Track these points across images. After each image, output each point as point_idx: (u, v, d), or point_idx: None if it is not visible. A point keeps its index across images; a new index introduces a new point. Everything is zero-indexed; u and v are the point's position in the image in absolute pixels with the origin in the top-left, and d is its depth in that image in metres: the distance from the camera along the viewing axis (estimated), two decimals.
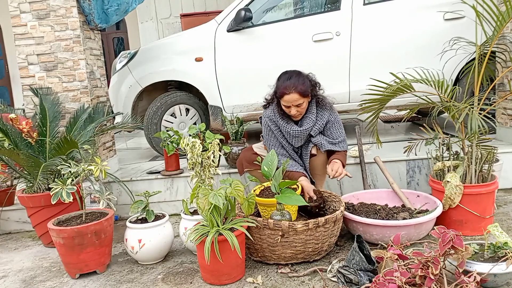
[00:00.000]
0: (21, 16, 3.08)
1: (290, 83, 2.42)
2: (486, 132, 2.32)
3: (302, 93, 2.42)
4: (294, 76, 2.46)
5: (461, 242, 1.66)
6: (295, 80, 2.43)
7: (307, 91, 2.44)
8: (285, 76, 2.48)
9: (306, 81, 2.46)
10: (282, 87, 2.44)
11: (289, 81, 2.43)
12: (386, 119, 5.18)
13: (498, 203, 2.83)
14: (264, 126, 2.66)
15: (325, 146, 2.55)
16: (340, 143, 2.59)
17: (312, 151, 2.59)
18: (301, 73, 2.50)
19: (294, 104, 2.44)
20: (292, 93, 2.41)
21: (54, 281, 2.27)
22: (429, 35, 3.48)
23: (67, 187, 2.23)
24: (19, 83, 3.63)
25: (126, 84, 3.82)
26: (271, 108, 2.60)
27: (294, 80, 2.43)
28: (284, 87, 2.42)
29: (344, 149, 2.60)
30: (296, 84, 2.41)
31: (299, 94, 2.41)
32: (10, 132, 2.69)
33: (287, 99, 2.43)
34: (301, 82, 2.43)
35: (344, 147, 2.60)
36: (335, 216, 2.16)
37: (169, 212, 3.12)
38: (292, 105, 2.45)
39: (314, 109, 2.55)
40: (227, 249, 1.98)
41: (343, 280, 1.92)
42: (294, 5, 3.96)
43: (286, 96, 2.42)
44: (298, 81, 2.42)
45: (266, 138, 2.66)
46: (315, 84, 2.54)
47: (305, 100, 2.47)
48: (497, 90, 3.40)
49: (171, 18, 8.50)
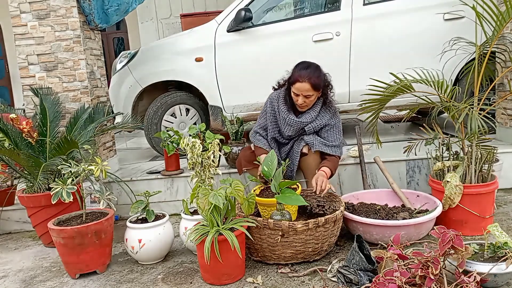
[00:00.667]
0: (21, 16, 3.08)
1: (306, 72, 2.45)
2: (486, 132, 2.32)
3: (314, 85, 2.44)
4: (312, 67, 2.49)
5: (461, 242, 1.66)
6: (312, 71, 2.46)
7: (320, 85, 2.47)
8: (303, 65, 2.51)
9: (322, 76, 2.50)
10: (297, 74, 2.47)
11: (306, 71, 2.46)
12: (386, 119, 5.18)
13: (498, 203, 2.83)
14: (264, 104, 2.73)
15: (316, 146, 2.56)
16: (334, 147, 2.59)
17: (304, 150, 2.60)
18: (320, 67, 2.53)
19: (304, 94, 2.47)
20: (305, 82, 2.44)
21: (54, 281, 2.27)
22: (429, 35, 3.48)
23: (68, 187, 2.23)
24: (19, 83, 3.63)
25: (126, 84, 3.82)
26: (278, 92, 2.66)
27: (310, 70, 2.47)
28: (300, 74, 2.46)
29: (337, 154, 2.60)
30: (311, 75, 2.44)
31: (311, 86, 2.44)
32: (10, 132, 2.69)
33: (298, 87, 2.46)
34: (316, 75, 2.46)
35: (337, 152, 2.59)
36: (335, 216, 2.16)
37: (169, 212, 3.12)
38: (301, 94, 2.47)
39: (318, 108, 2.58)
40: (227, 249, 1.98)
41: (343, 280, 1.92)
42: (294, 5, 3.96)
43: (299, 83, 2.45)
44: (314, 73, 2.46)
45: (260, 116, 2.75)
46: (328, 85, 2.57)
47: (315, 94, 2.49)
48: (497, 90, 3.40)
49: (171, 18, 8.51)
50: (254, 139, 2.72)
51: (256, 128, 2.75)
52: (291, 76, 2.52)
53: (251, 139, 2.74)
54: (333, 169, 2.55)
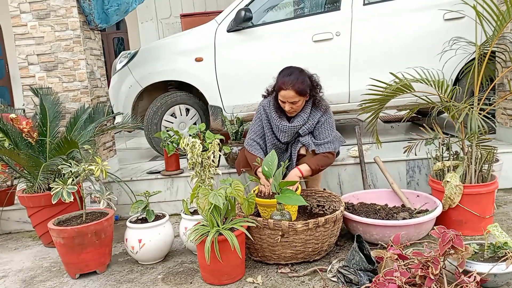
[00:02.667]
0: (21, 16, 3.08)
1: (289, 80, 2.43)
2: (486, 132, 2.32)
3: (298, 92, 2.42)
4: (295, 73, 2.46)
5: (461, 242, 1.66)
6: (295, 77, 2.44)
7: (305, 90, 2.45)
8: (286, 71, 2.49)
9: (306, 81, 2.47)
10: (281, 81, 2.46)
11: (289, 77, 2.44)
12: (386, 119, 5.18)
13: (498, 203, 2.83)
14: (256, 112, 2.71)
15: (311, 146, 2.54)
16: (325, 144, 2.56)
17: (301, 151, 2.59)
18: (303, 71, 2.51)
19: (289, 100, 2.45)
20: (289, 89, 2.42)
21: (54, 281, 2.27)
22: (429, 35, 3.48)
23: (68, 187, 2.23)
24: (19, 83, 3.63)
25: (126, 84, 3.82)
26: (268, 99, 2.65)
27: (293, 77, 2.44)
28: (283, 82, 2.44)
29: (327, 150, 2.54)
30: (294, 81, 2.42)
31: (296, 92, 2.42)
32: (10, 132, 2.69)
33: (283, 95, 2.45)
34: (300, 80, 2.43)
35: (327, 148, 2.54)
36: (335, 216, 2.16)
37: (169, 212, 3.12)
38: (287, 101, 2.47)
39: (309, 109, 2.56)
40: (227, 249, 1.98)
41: (343, 280, 1.92)
42: (294, 5, 3.96)
43: (283, 91, 2.44)
44: (297, 79, 2.43)
45: (253, 123, 2.70)
46: (317, 86, 2.55)
47: (301, 99, 2.48)
48: (497, 90, 3.40)
49: (171, 18, 8.51)
50: (250, 147, 2.63)
51: (252, 136, 2.67)
52: (276, 83, 2.51)
53: (246, 147, 2.64)
54: (314, 165, 2.48)
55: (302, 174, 2.47)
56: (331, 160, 2.58)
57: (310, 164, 2.49)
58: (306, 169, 2.48)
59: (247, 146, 2.65)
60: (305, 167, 2.48)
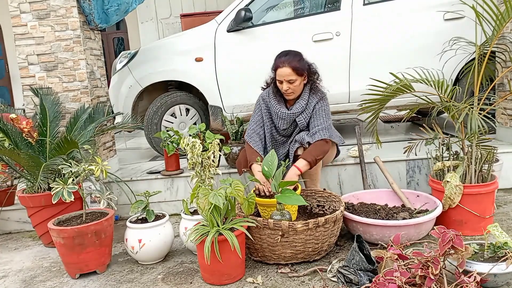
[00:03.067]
0: (21, 16, 3.08)
1: (285, 58, 2.52)
2: (486, 132, 2.32)
3: (295, 69, 2.48)
4: (291, 53, 2.55)
5: (461, 242, 1.66)
6: (292, 56, 2.52)
7: (301, 69, 2.50)
8: (283, 52, 2.58)
9: (303, 62, 2.54)
10: (278, 61, 2.54)
11: (285, 57, 2.53)
12: (386, 119, 5.18)
13: (498, 203, 2.83)
14: (256, 104, 2.76)
15: (305, 139, 2.55)
16: (319, 132, 2.54)
17: (298, 151, 2.60)
18: (301, 54, 2.57)
19: (286, 79, 2.50)
20: (286, 66, 2.49)
21: (54, 281, 2.27)
22: (429, 35, 3.48)
23: (68, 187, 2.24)
24: (19, 83, 3.63)
25: (126, 84, 3.82)
26: (267, 90, 2.71)
27: (290, 55, 2.53)
28: (280, 60, 2.53)
29: (321, 137, 2.52)
30: (291, 59, 2.50)
31: (292, 69, 2.48)
32: (10, 132, 2.69)
33: (280, 73, 2.51)
34: (296, 59, 2.51)
35: (321, 135, 2.52)
36: (335, 216, 2.16)
37: (169, 212, 3.13)
38: (284, 79, 2.51)
39: (307, 96, 2.60)
40: (227, 249, 1.98)
41: (343, 280, 1.92)
42: (294, 5, 3.96)
43: (280, 69, 2.51)
44: (294, 58, 2.51)
45: (253, 114, 2.75)
46: (314, 72, 2.61)
47: (298, 79, 2.52)
48: (497, 90, 3.40)
49: (171, 18, 8.51)
50: (250, 138, 2.65)
51: (253, 126, 2.70)
52: (273, 63, 2.58)
53: (247, 139, 2.67)
54: (309, 157, 2.47)
55: (301, 170, 2.45)
56: (326, 147, 2.55)
57: (306, 158, 2.48)
58: (303, 164, 2.47)
59: (247, 137, 2.69)
60: (301, 162, 2.47)
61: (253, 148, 2.62)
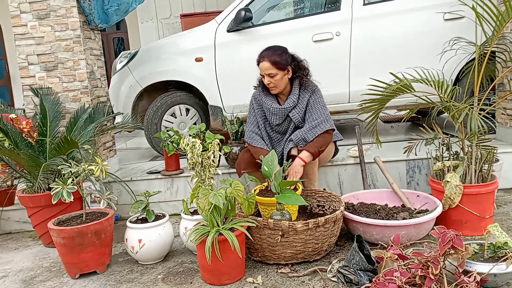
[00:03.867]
0: (21, 16, 3.08)
1: (266, 52, 2.55)
2: (486, 132, 2.32)
3: (274, 63, 2.50)
4: (273, 48, 2.58)
5: (461, 242, 1.66)
6: (272, 51, 2.55)
7: (281, 63, 2.51)
8: (266, 48, 2.60)
9: (285, 56, 2.54)
10: (259, 55, 2.58)
11: (266, 51, 2.56)
12: (386, 119, 5.18)
13: (498, 203, 2.83)
14: (249, 105, 2.78)
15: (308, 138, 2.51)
16: (319, 125, 2.52)
17: (292, 152, 2.58)
18: (284, 49, 2.58)
19: (266, 73, 2.53)
20: (265, 61, 2.52)
21: (54, 281, 2.27)
22: (429, 35, 3.48)
23: (68, 187, 2.24)
24: (19, 83, 3.63)
25: (126, 84, 3.82)
26: (258, 88, 2.74)
27: (270, 50, 2.55)
28: (261, 55, 2.57)
29: (323, 130, 2.50)
30: (270, 54, 2.52)
31: (271, 63, 2.50)
32: (10, 132, 2.69)
33: (260, 67, 2.56)
34: (277, 53, 2.52)
35: (323, 128, 2.50)
36: (335, 216, 2.16)
37: (169, 212, 3.13)
38: (265, 74, 2.55)
39: (297, 91, 2.61)
40: (227, 249, 1.98)
41: (343, 280, 1.92)
42: (294, 5, 3.96)
43: (260, 63, 2.56)
44: (274, 53, 2.53)
45: (248, 116, 2.78)
46: (303, 68, 2.61)
47: (280, 73, 2.53)
48: (497, 90, 3.40)
49: (171, 18, 8.51)
50: (251, 140, 2.67)
51: (250, 127, 2.73)
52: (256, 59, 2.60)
53: (247, 141, 2.69)
54: (312, 148, 2.47)
55: (305, 161, 2.49)
56: (329, 139, 2.56)
57: (309, 149, 2.49)
58: (307, 155, 2.48)
59: (247, 139, 2.70)
60: (305, 153, 2.49)
61: (257, 147, 2.63)
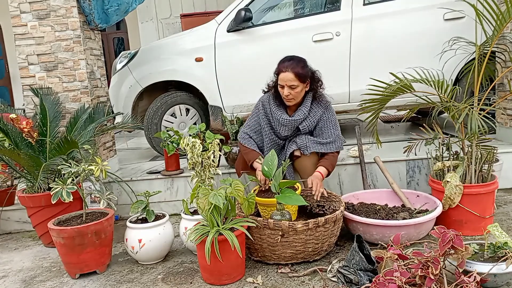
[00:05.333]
0: (21, 16, 3.08)
1: (289, 63, 2.48)
2: (486, 132, 2.32)
3: (298, 75, 2.45)
4: (295, 59, 2.51)
5: (461, 242, 1.66)
6: (296, 62, 2.49)
7: (304, 75, 2.47)
8: (288, 57, 2.54)
9: (307, 68, 2.50)
10: (281, 65, 2.51)
11: (289, 62, 2.49)
12: (386, 119, 5.18)
13: (498, 203, 2.83)
14: (254, 107, 2.72)
15: (310, 149, 2.53)
16: (330, 144, 2.56)
17: (296, 153, 2.58)
18: (305, 60, 2.53)
19: (288, 84, 2.47)
20: (288, 71, 2.45)
21: (54, 281, 2.27)
22: (429, 35, 3.48)
23: (68, 187, 2.24)
24: (19, 83, 3.63)
25: (126, 84, 3.82)
26: (268, 94, 2.67)
27: (294, 61, 2.49)
28: (283, 65, 2.49)
29: (334, 150, 2.57)
30: (294, 65, 2.46)
31: (295, 75, 2.44)
32: (10, 132, 2.69)
33: (282, 77, 2.48)
34: (300, 65, 2.47)
35: (333, 148, 2.56)
36: (335, 216, 2.16)
37: (169, 212, 3.12)
38: (286, 84, 2.48)
39: (309, 103, 2.56)
40: (227, 249, 1.98)
41: (343, 280, 1.92)
42: (294, 5, 3.96)
43: (282, 74, 2.48)
44: (298, 64, 2.48)
45: (249, 118, 2.72)
46: (318, 80, 2.56)
47: (300, 85, 2.48)
48: (497, 90, 3.40)
49: (171, 18, 8.51)
50: (243, 140, 2.65)
51: (246, 130, 2.68)
52: (276, 68, 2.55)
53: (240, 140, 2.66)
54: (330, 167, 2.53)
55: (323, 176, 2.50)
56: (337, 157, 2.62)
57: (327, 167, 2.51)
58: (325, 171, 2.51)
59: (240, 139, 2.67)
60: (324, 169, 2.50)
61: (249, 148, 2.61)
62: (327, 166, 2.51)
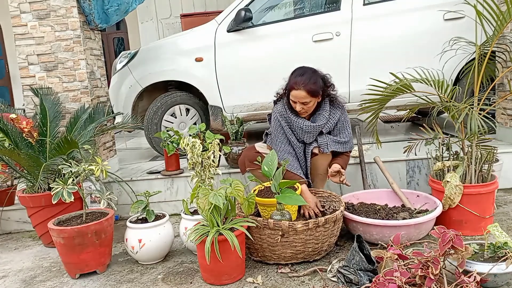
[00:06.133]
0: (21, 16, 3.08)
1: (301, 80, 2.40)
2: (485, 132, 2.32)
3: (310, 92, 2.39)
4: (307, 73, 2.43)
5: (461, 242, 1.66)
6: (307, 77, 2.41)
7: (317, 91, 2.42)
8: (299, 71, 2.46)
9: (319, 81, 2.44)
10: (293, 81, 2.43)
11: (301, 77, 2.41)
12: (386, 119, 5.18)
13: (498, 203, 2.83)
14: (273, 121, 2.61)
15: (330, 147, 2.52)
16: (346, 143, 2.58)
17: (315, 150, 2.57)
18: (316, 72, 2.47)
19: (301, 101, 2.42)
20: (301, 89, 2.39)
21: (54, 281, 2.27)
22: (429, 35, 3.48)
23: (68, 187, 2.24)
24: (19, 83, 3.64)
25: (127, 84, 3.82)
26: (282, 104, 2.58)
27: (306, 77, 2.41)
28: (295, 82, 2.41)
29: (348, 149, 2.61)
30: (306, 82, 2.39)
31: (307, 92, 2.39)
32: (10, 132, 2.69)
33: (294, 95, 2.42)
34: (312, 81, 2.40)
35: (348, 148, 2.60)
36: (335, 216, 2.16)
37: (169, 212, 3.12)
38: (298, 101, 2.43)
39: (328, 107, 2.54)
40: (227, 249, 1.98)
41: (343, 280, 1.92)
42: (294, 5, 3.96)
43: (294, 91, 2.41)
44: (310, 80, 2.40)
45: (274, 134, 2.60)
46: (330, 86, 2.53)
47: (313, 100, 2.45)
48: (497, 90, 3.40)
49: (171, 18, 8.51)
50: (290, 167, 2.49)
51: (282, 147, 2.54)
52: (288, 83, 2.48)
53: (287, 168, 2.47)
54: (344, 166, 2.55)
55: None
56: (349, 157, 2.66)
57: (342, 165, 2.53)
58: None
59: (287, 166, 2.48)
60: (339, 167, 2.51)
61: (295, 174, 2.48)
62: (342, 164, 2.52)
